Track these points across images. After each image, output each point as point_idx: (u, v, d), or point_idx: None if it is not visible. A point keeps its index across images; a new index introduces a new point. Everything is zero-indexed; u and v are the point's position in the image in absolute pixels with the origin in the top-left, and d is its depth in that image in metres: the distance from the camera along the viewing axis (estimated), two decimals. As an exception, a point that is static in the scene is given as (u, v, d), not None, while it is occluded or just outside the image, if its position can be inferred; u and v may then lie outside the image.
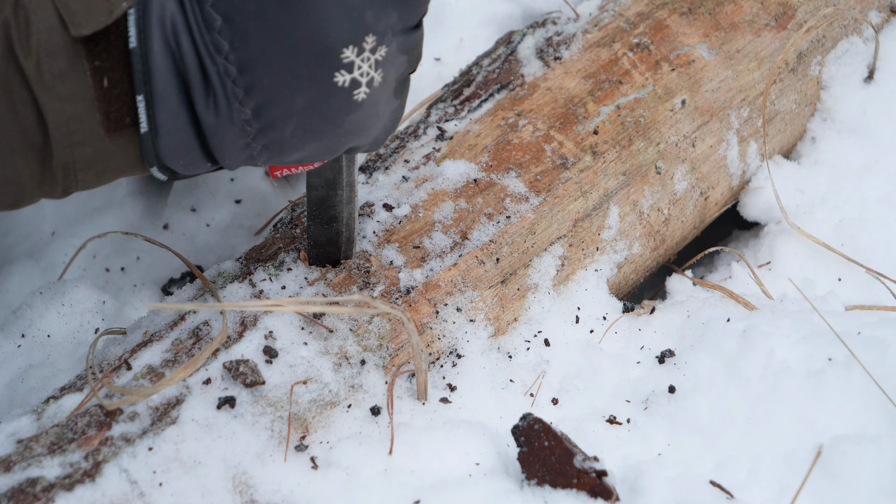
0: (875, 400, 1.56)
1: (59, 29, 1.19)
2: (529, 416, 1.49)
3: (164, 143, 1.26)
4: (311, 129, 1.30)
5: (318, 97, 1.27)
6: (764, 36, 2.04)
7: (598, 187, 1.82)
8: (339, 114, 1.29)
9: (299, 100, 1.26)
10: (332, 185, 1.54)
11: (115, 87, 1.22)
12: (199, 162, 1.30)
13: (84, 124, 1.22)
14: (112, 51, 1.22)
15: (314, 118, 1.28)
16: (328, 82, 1.26)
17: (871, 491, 1.48)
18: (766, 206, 2.03)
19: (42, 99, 1.20)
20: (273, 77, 1.24)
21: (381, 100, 1.31)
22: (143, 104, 1.23)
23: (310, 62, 1.24)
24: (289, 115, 1.27)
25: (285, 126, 1.28)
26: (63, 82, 1.20)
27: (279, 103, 1.26)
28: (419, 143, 1.82)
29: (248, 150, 1.30)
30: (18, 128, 1.21)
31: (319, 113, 1.28)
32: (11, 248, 2.10)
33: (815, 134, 2.13)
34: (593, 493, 1.45)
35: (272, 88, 1.25)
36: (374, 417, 1.54)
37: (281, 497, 1.44)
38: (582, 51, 1.94)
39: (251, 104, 1.25)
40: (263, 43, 1.23)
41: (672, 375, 1.68)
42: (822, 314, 1.66)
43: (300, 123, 1.28)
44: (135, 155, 1.27)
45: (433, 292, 1.64)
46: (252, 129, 1.27)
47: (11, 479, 1.35)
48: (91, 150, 1.24)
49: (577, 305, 1.76)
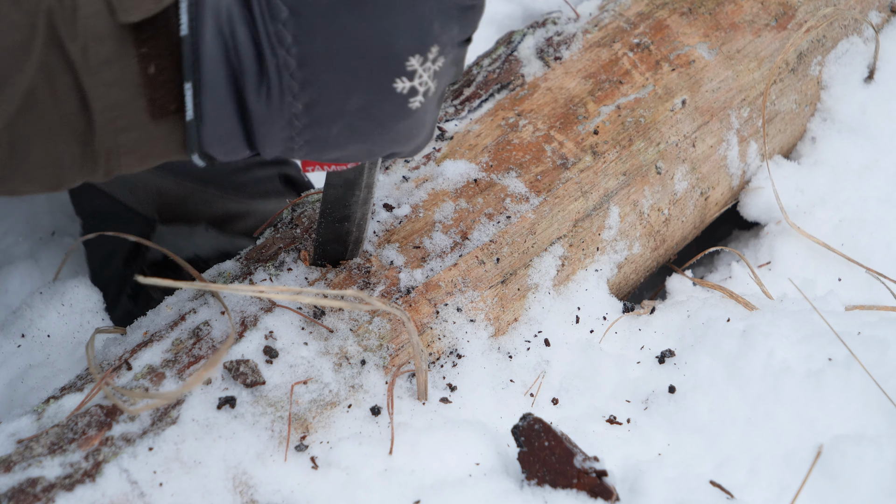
0: (875, 400, 1.56)
1: (106, 14, 1.19)
2: (529, 416, 1.49)
3: (208, 130, 1.26)
4: (359, 132, 1.30)
5: (373, 101, 1.27)
6: (764, 36, 2.04)
7: (599, 187, 1.82)
8: (391, 120, 1.29)
9: (354, 101, 1.26)
10: (352, 185, 1.53)
11: (162, 73, 1.23)
12: (239, 149, 1.31)
13: (129, 110, 1.23)
14: (160, 38, 1.22)
15: (365, 121, 1.28)
16: (387, 88, 1.26)
17: (871, 491, 1.48)
18: (766, 206, 2.03)
19: (87, 84, 1.20)
20: (333, 75, 1.24)
21: (430, 109, 1.32)
22: (190, 92, 1.24)
23: (373, 66, 1.24)
24: (340, 115, 1.27)
25: (333, 124, 1.28)
26: (110, 68, 1.20)
27: (333, 101, 1.26)
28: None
29: (290, 143, 1.30)
30: (59, 113, 1.21)
31: (371, 117, 1.28)
32: (11, 248, 2.10)
33: (815, 134, 2.13)
34: (593, 493, 1.45)
35: (329, 86, 1.25)
36: (375, 417, 1.54)
37: (281, 497, 1.44)
38: (582, 51, 1.94)
39: (305, 99, 1.25)
40: (329, 40, 1.23)
41: (672, 375, 1.68)
42: (822, 314, 1.66)
43: (349, 124, 1.28)
44: (177, 141, 1.27)
45: (433, 292, 1.64)
46: (300, 123, 1.27)
47: (11, 479, 1.35)
48: (135, 135, 1.24)
49: (578, 305, 1.76)
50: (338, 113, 1.27)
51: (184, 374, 1.48)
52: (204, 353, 1.51)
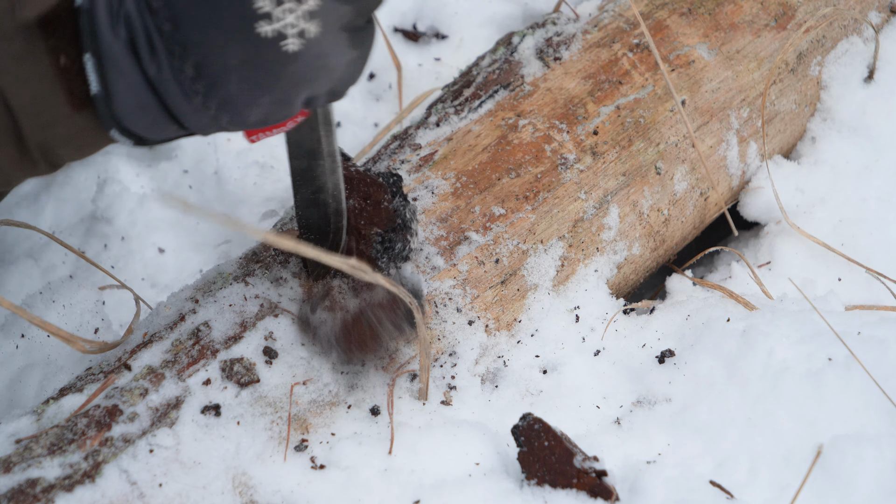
0: (875, 400, 1.56)
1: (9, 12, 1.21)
2: (529, 415, 1.49)
3: (119, 103, 1.26)
4: (255, 83, 1.29)
5: (248, 50, 1.26)
6: (764, 36, 2.04)
7: (598, 188, 1.82)
8: (276, 65, 1.28)
9: (232, 54, 1.26)
10: (314, 154, 1.52)
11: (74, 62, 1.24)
12: (162, 124, 1.30)
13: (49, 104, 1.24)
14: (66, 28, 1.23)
15: (252, 71, 1.28)
16: (252, 34, 1.25)
17: (870, 491, 1.48)
18: (766, 206, 2.03)
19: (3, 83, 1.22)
20: (202, 33, 1.25)
21: (326, 51, 1.30)
22: (90, 63, 1.24)
23: (228, 15, 1.25)
24: (228, 70, 1.27)
25: (228, 81, 1.28)
26: (22, 64, 1.22)
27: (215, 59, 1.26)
28: (419, 144, 1.82)
29: (206, 112, 1.30)
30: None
31: (255, 66, 1.28)
32: (11, 248, 2.10)
33: (815, 134, 2.13)
34: (593, 492, 1.45)
35: (205, 44, 1.25)
36: (374, 417, 1.54)
37: (281, 497, 1.44)
38: (582, 51, 1.94)
39: (190, 60, 1.26)
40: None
41: (672, 375, 1.68)
42: (822, 314, 1.66)
43: (241, 77, 1.28)
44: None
45: (433, 293, 1.64)
46: (199, 86, 1.27)
47: (11, 479, 1.35)
48: (62, 128, 1.25)
49: (577, 305, 1.76)
50: (225, 69, 1.27)
51: (183, 374, 1.48)
52: (204, 353, 1.51)
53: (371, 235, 1.56)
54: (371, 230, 1.56)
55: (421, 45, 2.37)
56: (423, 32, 2.38)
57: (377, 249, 1.56)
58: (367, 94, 2.36)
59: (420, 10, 2.40)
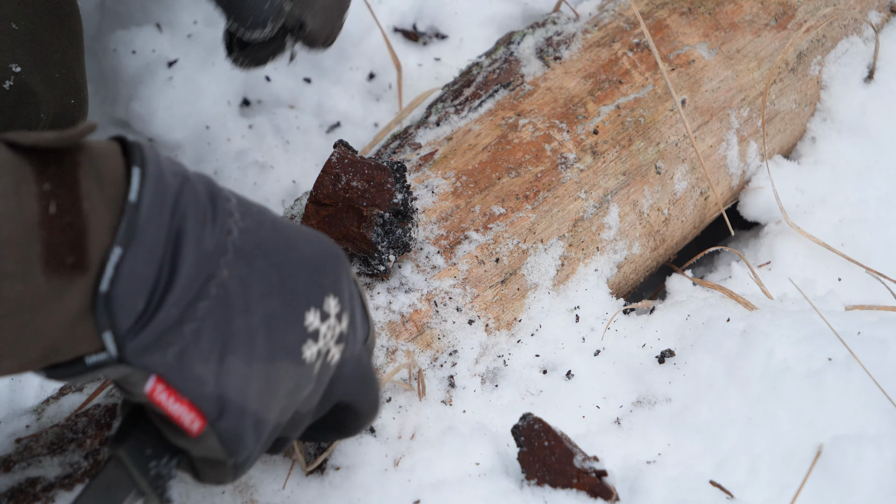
0: (875, 400, 1.56)
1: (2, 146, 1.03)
2: (529, 415, 1.49)
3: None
4: None
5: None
6: (764, 36, 2.04)
7: (598, 187, 1.82)
8: None
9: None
10: None
11: (64, 215, 1.04)
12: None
13: (20, 251, 1.01)
14: (65, 175, 1.05)
15: None
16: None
17: (871, 491, 1.49)
18: (766, 206, 2.03)
19: None
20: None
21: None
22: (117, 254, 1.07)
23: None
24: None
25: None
26: (4, 200, 1.00)
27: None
28: (419, 143, 1.82)
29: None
30: None
31: None
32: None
33: (815, 134, 2.13)
34: (593, 493, 1.45)
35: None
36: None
37: (281, 497, 1.44)
38: (582, 51, 1.94)
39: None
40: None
41: (672, 375, 1.68)
42: (822, 314, 1.66)
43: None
44: (69, 312, 1.05)
45: (433, 292, 1.65)
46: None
47: (11, 479, 1.35)
48: (22, 287, 1.00)
49: (577, 305, 1.76)
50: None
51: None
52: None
53: (372, 216, 1.55)
54: (373, 211, 1.56)
55: (421, 45, 2.37)
56: (423, 32, 2.38)
57: (377, 233, 1.56)
58: (366, 94, 2.36)
59: (420, 10, 2.40)
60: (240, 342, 1.13)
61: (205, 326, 1.11)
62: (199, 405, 1.12)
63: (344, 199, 1.57)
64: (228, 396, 1.13)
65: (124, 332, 1.07)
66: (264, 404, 1.16)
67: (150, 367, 1.09)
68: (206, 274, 1.11)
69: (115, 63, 2.29)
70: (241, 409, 1.14)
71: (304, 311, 1.18)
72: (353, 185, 1.56)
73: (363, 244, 1.56)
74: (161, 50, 2.28)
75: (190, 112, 2.25)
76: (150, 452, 1.18)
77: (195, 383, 1.11)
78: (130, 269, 1.06)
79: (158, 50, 2.28)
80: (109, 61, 2.30)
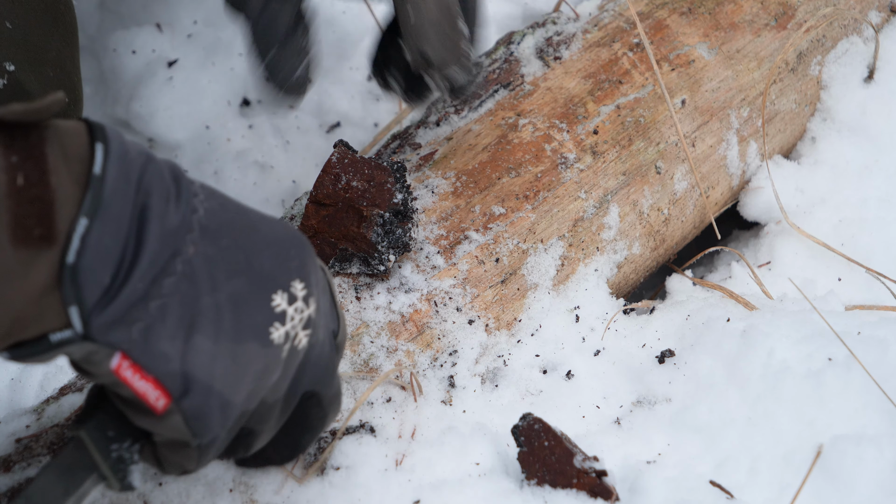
0: (875, 400, 1.56)
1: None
2: (529, 415, 1.49)
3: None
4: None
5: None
6: (764, 36, 2.04)
7: (598, 187, 1.82)
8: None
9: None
10: None
11: (32, 188, 1.03)
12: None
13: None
14: (32, 149, 1.05)
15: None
16: None
17: (871, 491, 1.49)
18: (766, 206, 2.03)
19: None
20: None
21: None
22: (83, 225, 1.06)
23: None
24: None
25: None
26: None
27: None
28: (419, 143, 1.83)
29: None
30: None
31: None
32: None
33: (815, 134, 2.13)
34: (593, 493, 1.45)
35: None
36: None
37: (281, 498, 1.44)
38: (582, 51, 1.94)
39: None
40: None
41: (672, 375, 1.68)
42: (822, 314, 1.66)
43: None
44: (36, 285, 1.04)
45: (433, 292, 1.65)
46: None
47: (11, 479, 1.35)
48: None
49: (577, 305, 1.76)
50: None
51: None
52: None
53: (372, 216, 1.55)
54: (373, 211, 1.56)
55: (421, 44, 2.37)
56: (423, 32, 2.38)
57: (377, 233, 1.56)
58: (366, 94, 2.36)
59: (420, 10, 2.40)
60: (206, 320, 1.12)
61: (171, 303, 1.10)
62: (164, 382, 1.11)
63: (344, 199, 1.57)
64: (194, 374, 1.12)
65: (91, 306, 1.06)
66: (231, 385, 1.15)
67: (115, 344, 1.08)
68: (172, 250, 1.10)
69: (115, 63, 2.29)
70: (206, 388, 1.13)
71: (270, 293, 1.17)
72: (353, 185, 1.56)
73: (363, 244, 1.57)
74: (161, 50, 2.29)
75: (190, 112, 2.25)
76: (112, 434, 1.16)
77: (161, 360, 1.10)
78: (97, 241, 1.05)
79: (158, 50, 2.28)
80: (109, 61, 2.30)
